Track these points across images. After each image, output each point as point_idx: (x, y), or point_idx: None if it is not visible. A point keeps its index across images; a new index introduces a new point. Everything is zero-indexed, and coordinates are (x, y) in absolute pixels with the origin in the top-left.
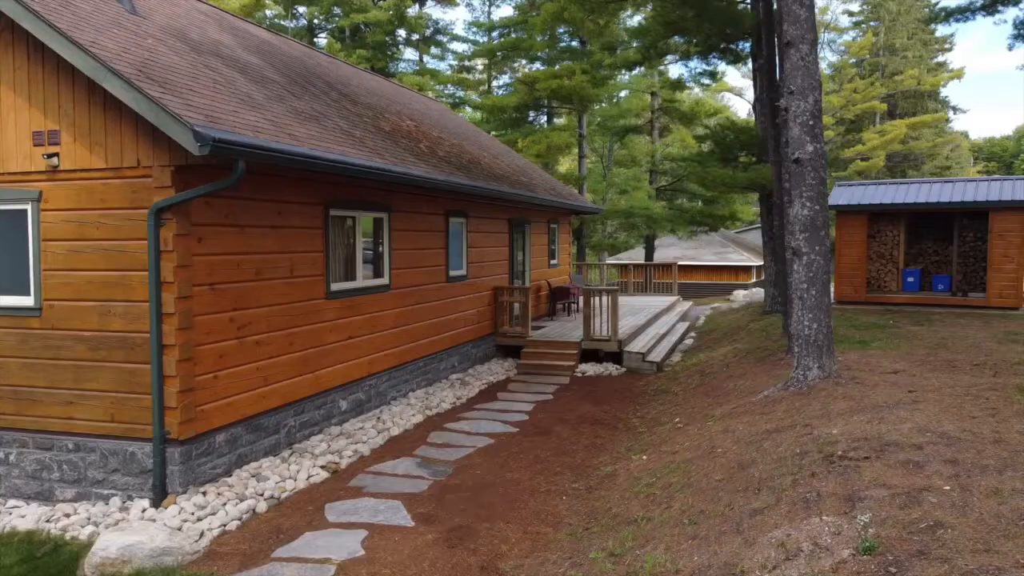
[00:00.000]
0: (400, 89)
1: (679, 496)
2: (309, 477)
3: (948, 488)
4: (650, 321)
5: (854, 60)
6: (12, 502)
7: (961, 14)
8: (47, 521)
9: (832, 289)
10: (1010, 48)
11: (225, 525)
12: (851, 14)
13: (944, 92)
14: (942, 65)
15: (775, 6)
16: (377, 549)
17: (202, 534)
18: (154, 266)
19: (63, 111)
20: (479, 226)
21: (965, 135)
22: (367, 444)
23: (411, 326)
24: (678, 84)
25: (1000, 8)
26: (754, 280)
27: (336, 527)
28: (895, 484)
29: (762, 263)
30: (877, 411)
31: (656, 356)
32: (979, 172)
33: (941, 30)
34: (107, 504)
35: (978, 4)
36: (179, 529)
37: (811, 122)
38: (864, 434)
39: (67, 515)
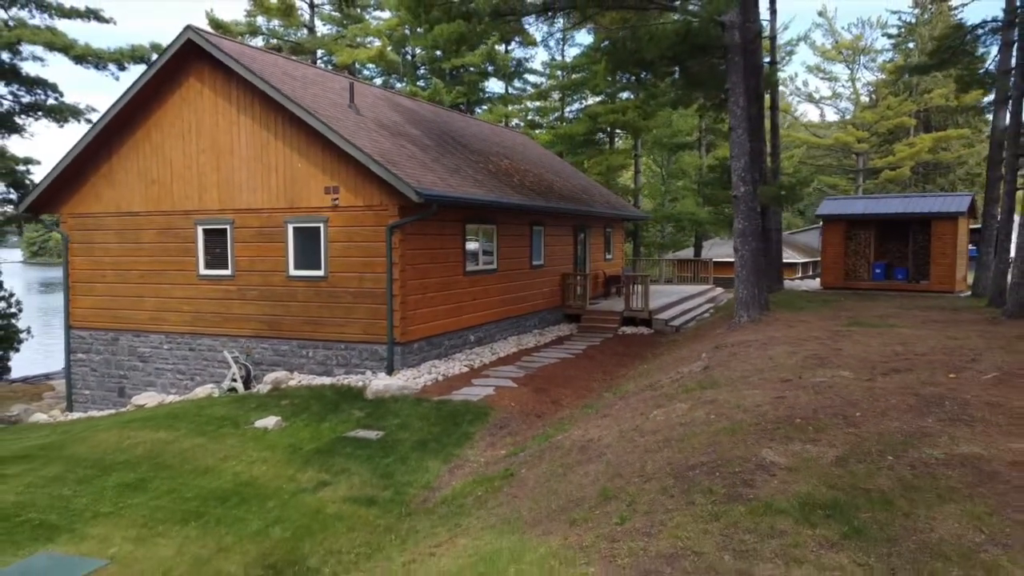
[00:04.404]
0: (495, 128)
1: (652, 373)
2: (460, 370)
3: (752, 351)
4: (681, 300)
5: (889, 80)
6: (311, 376)
7: None
8: (336, 381)
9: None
10: None
11: (426, 383)
12: (889, 36)
13: (982, 104)
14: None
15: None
16: (500, 392)
17: (417, 384)
18: (388, 255)
19: (341, 176)
20: (552, 231)
21: None
22: (486, 359)
23: (509, 296)
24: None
25: None
26: (800, 275)
27: (478, 386)
28: (734, 351)
29: (809, 260)
30: (757, 332)
31: (676, 322)
32: None
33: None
34: (363, 375)
35: None
36: (406, 382)
37: (743, 174)
38: (742, 339)
39: (345, 378)
